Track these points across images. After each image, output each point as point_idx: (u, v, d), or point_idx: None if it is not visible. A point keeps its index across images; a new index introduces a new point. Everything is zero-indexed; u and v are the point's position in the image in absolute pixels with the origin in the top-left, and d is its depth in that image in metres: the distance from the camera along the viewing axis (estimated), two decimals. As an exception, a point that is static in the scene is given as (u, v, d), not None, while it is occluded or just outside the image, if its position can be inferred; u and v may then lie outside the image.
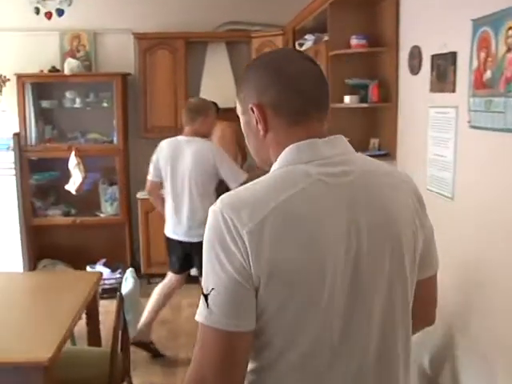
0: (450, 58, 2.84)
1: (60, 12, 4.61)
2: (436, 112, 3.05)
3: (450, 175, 2.87)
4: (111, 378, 2.91)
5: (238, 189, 1.24)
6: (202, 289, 1.18)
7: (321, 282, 1.14)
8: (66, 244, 6.22)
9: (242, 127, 1.36)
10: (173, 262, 4.60)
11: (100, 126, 6.19)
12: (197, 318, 1.18)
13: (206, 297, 1.15)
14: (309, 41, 4.72)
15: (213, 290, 1.14)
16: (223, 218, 1.15)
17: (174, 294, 4.70)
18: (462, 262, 2.73)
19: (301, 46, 4.89)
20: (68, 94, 6.00)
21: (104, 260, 5.89)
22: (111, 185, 6.18)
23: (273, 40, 5.75)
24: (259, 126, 1.27)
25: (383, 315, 1.23)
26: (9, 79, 5.99)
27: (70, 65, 5.80)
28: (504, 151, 2.38)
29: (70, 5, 4.73)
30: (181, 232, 4.30)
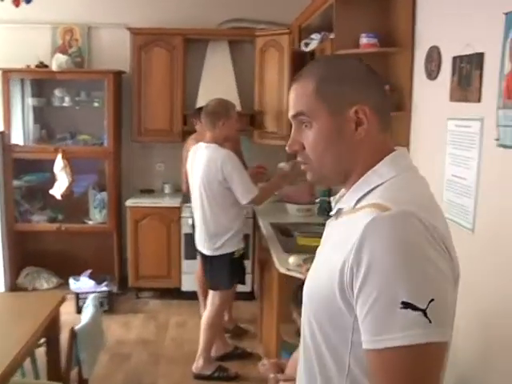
0: (476, 60, 2.36)
1: (27, -1, 4.16)
2: (456, 125, 2.58)
3: (470, 202, 2.39)
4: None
5: (394, 191, 1.17)
6: (409, 304, 1.02)
7: None
8: (50, 251, 5.87)
9: (317, 133, 1.23)
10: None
11: (90, 127, 5.85)
12: (408, 342, 1.02)
13: (423, 311, 1.02)
14: (315, 40, 4.27)
15: (432, 301, 1.03)
16: (419, 220, 1.08)
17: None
18: (479, 313, 2.25)
19: (306, 45, 4.44)
20: (57, 92, 5.66)
21: (89, 271, 5.51)
22: (101, 190, 5.80)
23: (278, 39, 5.31)
24: (362, 128, 1.21)
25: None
26: (-6, 74, 5.60)
27: (58, 61, 5.41)
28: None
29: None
30: (198, 243, 4.17)
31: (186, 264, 5.58)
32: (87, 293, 4.89)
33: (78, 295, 5.21)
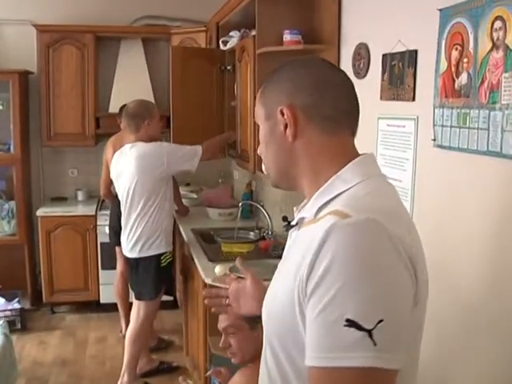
0: (409, 58, 2.27)
1: None
2: (388, 125, 2.48)
3: (407, 205, 2.29)
4: None
5: (357, 198, 1.10)
6: (354, 323, 0.94)
7: None
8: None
9: (261, 137, 1.26)
10: None
11: (-6, 132, 5.43)
12: (347, 364, 0.94)
13: (369, 332, 0.93)
14: (234, 38, 4.11)
15: (381, 321, 0.94)
16: (383, 229, 0.99)
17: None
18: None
19: (225, 44, 4.27)
20: (-45, 94, 5.19)
21: (-2, 287, 5.09)
22: (9, 200, 5.42)
23: (194, 37, 5.13)
24: (288, 130, 1.18)
25: None
26: None
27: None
28: (485, 181, 1.82)
29: None
30: (124, 247, 3.98)
31: (103, 274, 5.31)
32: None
33: (-15, 315, 4.81)
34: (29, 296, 5.35)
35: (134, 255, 3.87)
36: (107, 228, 4.95)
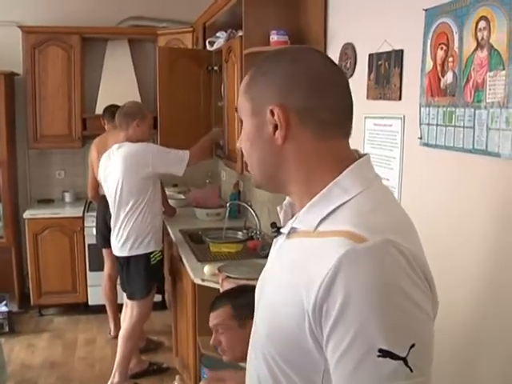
0: (395, 57, 2.29)
1: None
2: (375, 124, 2.50)
3: (394, 203, 2.32)
4: None
5: (365, 214, 1.01)
6: (388, 352, 0.89)
7: None
8: None
9: (244, 133, 1.15)
10: None
11: (-20, 135, 5.36)
12: None
13: (404, 359, 0.89)
14: (221, 38, 4.11)
15: (413, 346, 0.90)
16: (401, 251, 0.94)
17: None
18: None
19: (211, 44, 4.28)
20: None
21: (-14, 290, 5.06)
22: (-5, 202, 5.35)
23: (181, 38, 5.11)
24: (278, 132, 1.07)
25: None
26: None
27: None
28: (470, 179, 1.85)
29: None
30: (114, 246, 3.98)
31: (91, 276, 5.29)
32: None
33: (-28, 319, 4.79)
34: (16, 299, 5.31)
35: (123, 254, 3.87)
36: (94, 230, 4.94)
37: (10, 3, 5.34)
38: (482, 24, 1.73)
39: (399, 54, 2.26)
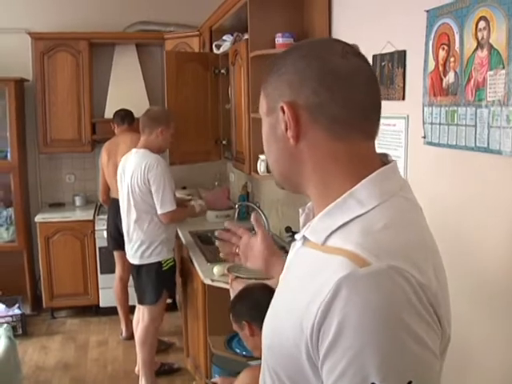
0: (398, 58, 2.33)
1: None
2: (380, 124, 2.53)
3: (400, 201, 2.35)
4: None
5: (374, 233, 0.93)
6: None
7: None
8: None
9: (263, 132, 1.10)
10: None
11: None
12: None
13: None
14: (227, 42, 4.16)
15: (411, 383, 0.83)
16: (407, 280, 0.86)
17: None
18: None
19: (218, 48, 4.33)
20: (-48, 102, 5.22)
21: (-1, 293, 5.14)
22: (7, 207, 5.44)
23: (188, 41, 5.16)
24: (289, 132, 1.01)
25: None
26: None
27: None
28: (472, 176, 1.88)
29: None
30: (128, 252, 3.99)
31: (102, 279, 5.34)
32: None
33: (-14, 321, 4.85)
34: (29, 301, 5.38)
35: (135, 262, 3.90)
36: (105, 233, 5.00)
37: (19, 11, 5.41)
38: (482, 24, 1.76)
39: (402, 54, 2.30)
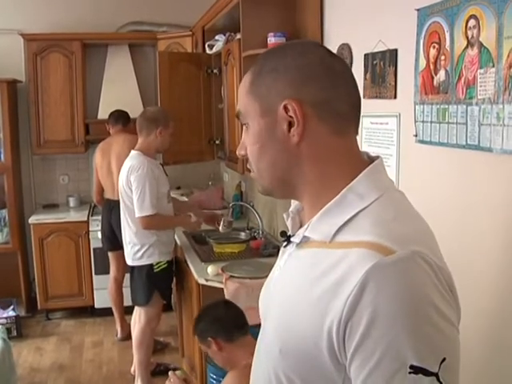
0: (389, 57, 2.34)
1: None
2: (372, 122, 2.55)
3: (392, 200, 2.36)
4: None
5: (387, 223, 0.95)
6: (420, 369, 0.85)
7: None
8: None
9: (252, 137, 1.05)
10: None
11: (-17, 141, 5.41)
12: None
13: (436, 375, 0.85)
14: (220, 42, 4.16)
15: (444, 360, 0.86)
16: (429, 264, 0.90)
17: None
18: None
19: (211, 48, 4.33)
20: None
21: (-7, 295, 5.12)
22: (1, 208, 5.42)
23: (180, 42, 5.17)
24: (294, 130, 0.99)
25: None
26: None
27: None
28: (463, 174, 1.89)
29: None
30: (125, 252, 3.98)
31: (97, 280, 5.33)
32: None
33: (-19, 323, 4.84)
34: (24, 303, 5.37)
35: (129, 262, 3.91)
36: (99, 233, 4.99)
37: (11, 11, 5.40)
38: (472, 22, 1.77)
39: (393, 53, 2.31)
